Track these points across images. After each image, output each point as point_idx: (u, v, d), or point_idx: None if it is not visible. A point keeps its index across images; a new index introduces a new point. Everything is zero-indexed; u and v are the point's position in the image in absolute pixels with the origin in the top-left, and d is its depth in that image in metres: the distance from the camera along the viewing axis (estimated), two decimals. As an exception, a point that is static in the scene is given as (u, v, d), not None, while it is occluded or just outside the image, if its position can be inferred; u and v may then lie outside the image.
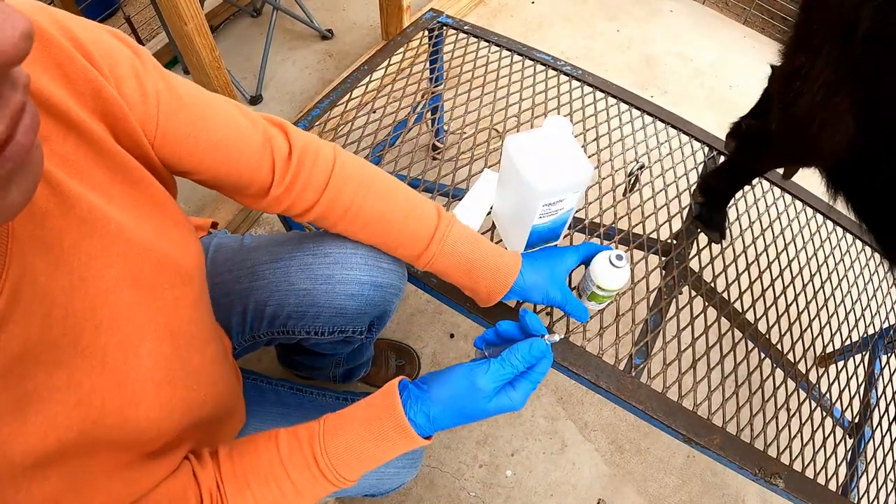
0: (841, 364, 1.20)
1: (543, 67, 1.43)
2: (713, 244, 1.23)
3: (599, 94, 1.40)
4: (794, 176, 1.25)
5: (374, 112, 1.27)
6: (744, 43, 2.73)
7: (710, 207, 1.27)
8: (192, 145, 0.63)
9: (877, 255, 1.37)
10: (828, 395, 1.14)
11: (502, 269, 0.86)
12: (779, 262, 1.25)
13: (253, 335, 1.00)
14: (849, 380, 1.17)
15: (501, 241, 1.06)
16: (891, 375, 1.22)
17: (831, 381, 1.15)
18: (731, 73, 2.56)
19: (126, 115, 0.54)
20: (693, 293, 1.17)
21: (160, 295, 0.58)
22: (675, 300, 1.12)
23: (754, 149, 1.17)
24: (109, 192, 0.52)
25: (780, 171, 1.27)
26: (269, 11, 2.35)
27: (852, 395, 1.16)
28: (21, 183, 0.33)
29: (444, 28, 1.48)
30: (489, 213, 1.09)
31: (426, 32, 1.46)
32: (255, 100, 2.23)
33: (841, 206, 1.05)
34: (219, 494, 0.66)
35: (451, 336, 1.71)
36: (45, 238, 0.46)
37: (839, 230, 1.38)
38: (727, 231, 1.27)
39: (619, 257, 0.89)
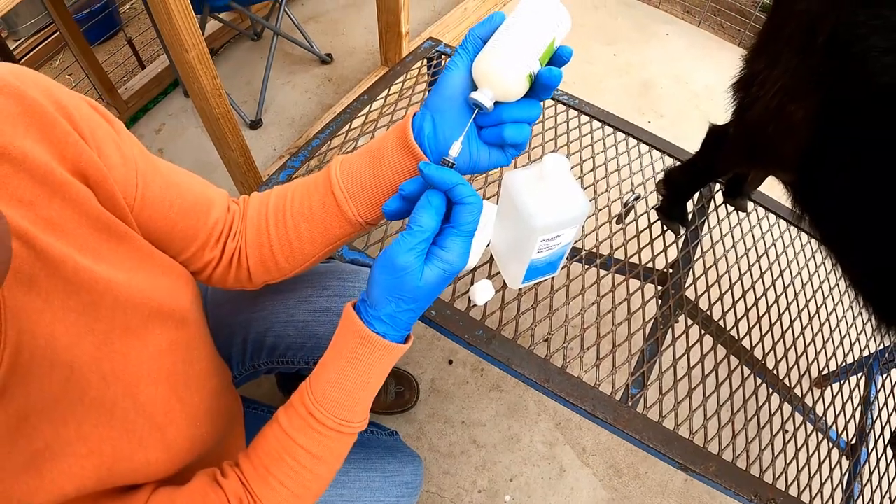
0: (838, 386, 1.21)
1: (541, 96, 1.45)
2: (709, 272, 1.24)
3: (597, 124, 1.42)
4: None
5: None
6: (739, 64, 2.75)
7: (671, 200, 1.29)
8: (166, 209, 0.63)
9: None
10: (825, 418, 1.15)
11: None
12: (774, 288, 1.27)
13: (253, 365, 1.02)
14: (844, 403, 1.18)
15: (499, 272, 1.07)
16: (886, 397, 1.23)
17: (828, 404, 1.16)
18: (727, 95, 2.57)
19: (106, 179, 0.54)
20: (689, 321, 1.18)
21: (153, 341, 0.60)
22: (671, 329, 1.13)
23: (713, 149, 1.20)
24: (96, 250, 0.53)
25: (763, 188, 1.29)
26: (270, 35, 2.38)
27: (847, 418, 1.17)
28: None
29: (443, 57, 1.50)
30: (488, 245, 1.10)
31: (425, 61, 1.48)
32: (255, 124, 2.24)
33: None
34: (248, 496, 0.64)
35: (450, 362, 1.71)
36: (36, 302, 0.47)
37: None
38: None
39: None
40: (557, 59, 0.60)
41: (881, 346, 1.30)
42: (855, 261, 1.02)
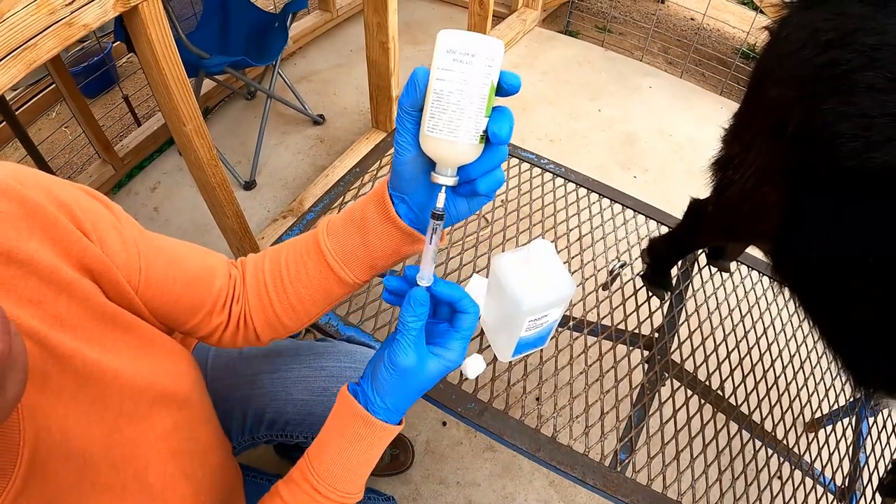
0: (824, 434, 1.23)
1: (528, 165, 1.50)
2: (694, 334, 1.28)
3: (583, 191, 1.47)
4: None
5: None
6: (721, 114, 2.81)
7: (655, 269, 1.33)
8: (170, 285, 0.65)
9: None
10: (812, 466, 1.16)
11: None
12: (759, 344, 1.30)
13: (252, 437, 1.04)
14: (831, 452, 1.20)
15: (489, 345, 1.10)
16: (873, 443, 1.26)
17: (814, 454, 1.18)
18: (709, 145, 2.62)
19: (110, 270, 0.56)
20: (676, 384, 1.21)
21: (158, 423, 0.63)
22: (658, 392, 1.16)
23: (693, 225, 1.24)
24: (102, 341, 0.56)
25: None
26: (263, 95, 2.42)
27: (836, 466, 1.18)
28: (11, 381, 0.37)
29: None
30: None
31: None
32: (248, 185, 2.28)
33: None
34: None
35: (444, 424, 1.72)
36: (49, 398, 0.50)
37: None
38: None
39: None
40: (504, 92, 0.56)
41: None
42: (831, 326, 1.05)
